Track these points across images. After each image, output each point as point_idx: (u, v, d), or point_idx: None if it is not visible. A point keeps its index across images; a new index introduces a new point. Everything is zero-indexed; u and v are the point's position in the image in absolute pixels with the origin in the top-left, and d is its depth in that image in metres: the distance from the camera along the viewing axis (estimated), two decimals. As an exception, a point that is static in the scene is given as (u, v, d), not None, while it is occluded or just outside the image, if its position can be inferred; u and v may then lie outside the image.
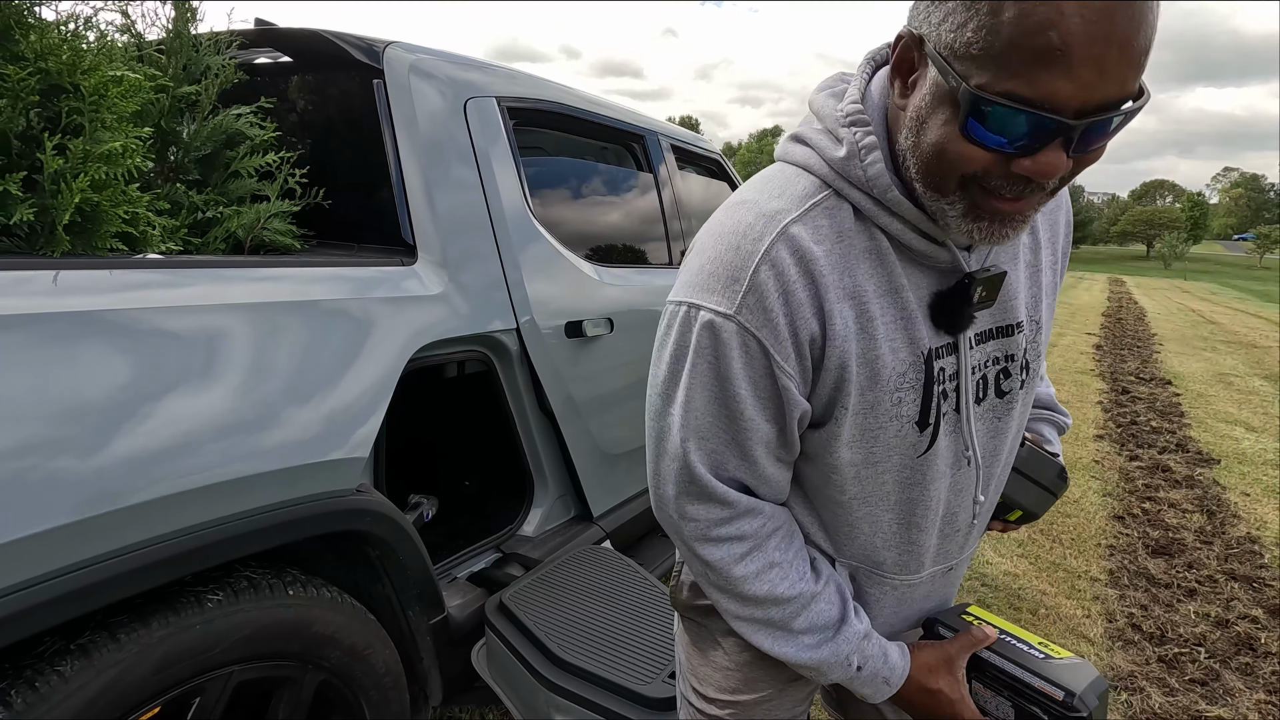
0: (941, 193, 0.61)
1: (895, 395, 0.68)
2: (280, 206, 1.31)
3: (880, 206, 0.65)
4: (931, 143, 0.59)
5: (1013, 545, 2.98)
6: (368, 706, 1.17)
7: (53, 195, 0.89)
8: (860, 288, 0.66)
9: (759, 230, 0.65)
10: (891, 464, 0.71)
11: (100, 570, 0.79)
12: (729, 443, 0.69)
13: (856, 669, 0.74)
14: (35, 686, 0.78)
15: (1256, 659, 2.24)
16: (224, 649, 0.93)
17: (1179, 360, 8.30)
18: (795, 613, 0.73)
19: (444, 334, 1.30)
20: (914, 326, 0.68)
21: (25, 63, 0.88)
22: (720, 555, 0.72)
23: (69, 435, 0.78)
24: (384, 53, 1.38)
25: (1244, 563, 2.90)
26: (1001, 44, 0.51)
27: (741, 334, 0.64)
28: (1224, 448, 4.60)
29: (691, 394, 0.68)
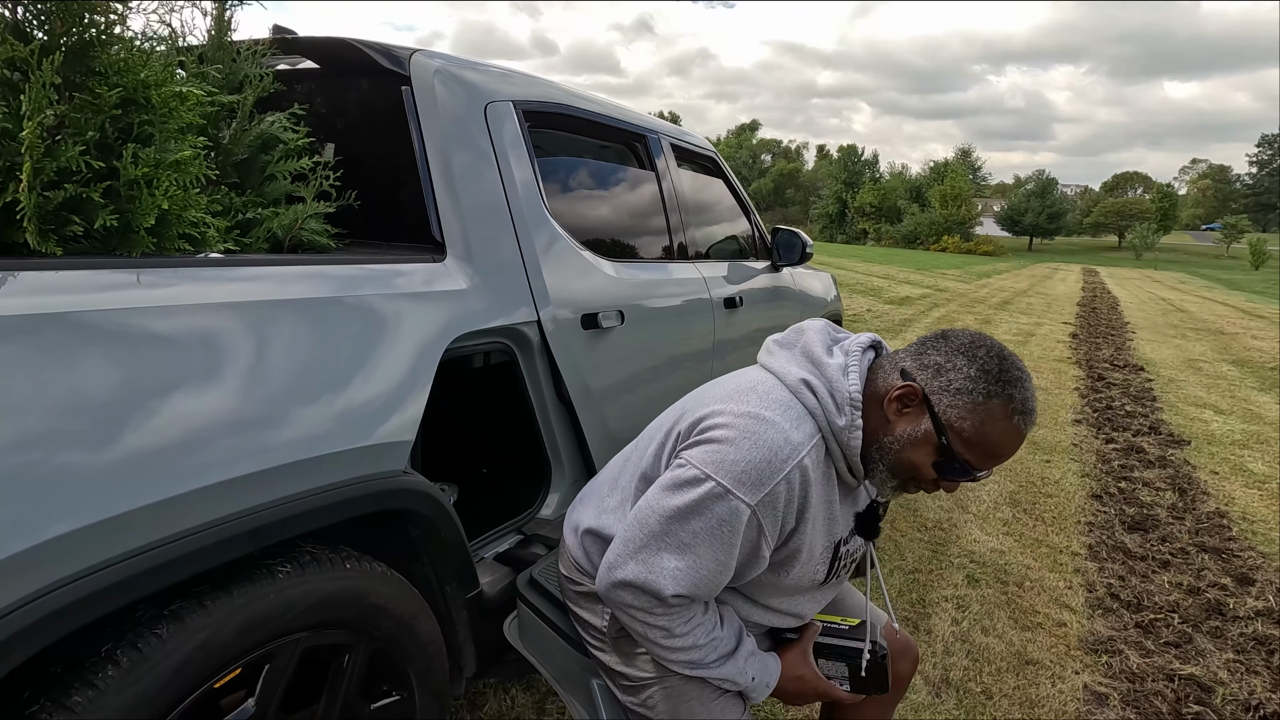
0: (893, 475, 1.04)
1: (812, 565, 1.10)
2: (315, 208, 1.38)
3: (844, 461, 1.04)
4: (909, 460, 1.01)
5: (998, 524, 3.13)
6: (414, 676, 1.26)
7: (129, 201, 0.96)
8: (820, 500, 1.04)
9: (785, 455, 0.98)
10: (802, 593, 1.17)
11: (196, 540, 0.87)
12: (708, 585, 1.02)
13: (751, 679, 1.11)
14: (137, 647, 0.85)
15: (1225, 623, 2.39)
16: (294, 615, 1.01)
17: (1151, 347, 8.57)
18: (708, 652, 1.08)
19: (474, 326, 1.38)
20: (834, 525, 1.09)
21: (102, 78, 0.95)
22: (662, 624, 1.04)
23: (173, 416, 0.85)
24: (410, 59, 1.46)
25: (1213, 536, 3.06)
26: (980, 440, 0.96)
27: (753, 518, 0.98)
28: (1194, 429, 4.80)
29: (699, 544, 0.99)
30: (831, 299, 3.78)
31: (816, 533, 1.06)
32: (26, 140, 0.83)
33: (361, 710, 1.17)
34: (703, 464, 0.99)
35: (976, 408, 0.95)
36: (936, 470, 0.99)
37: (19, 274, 0.80)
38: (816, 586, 1.16)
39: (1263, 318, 12.50)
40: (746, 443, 0.98)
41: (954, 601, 2.45)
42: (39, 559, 0.75)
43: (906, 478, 1.03)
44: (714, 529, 0.98)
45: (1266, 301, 16.73)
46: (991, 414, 0.95)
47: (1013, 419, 0.95)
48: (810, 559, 1.08)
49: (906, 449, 1.00)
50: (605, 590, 1.07)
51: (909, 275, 18.59)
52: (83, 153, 0.91)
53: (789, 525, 1.02)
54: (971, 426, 0.95)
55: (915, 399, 0.99)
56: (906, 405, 1.00)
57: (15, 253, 0.89)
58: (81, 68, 0.94)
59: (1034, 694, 1.98)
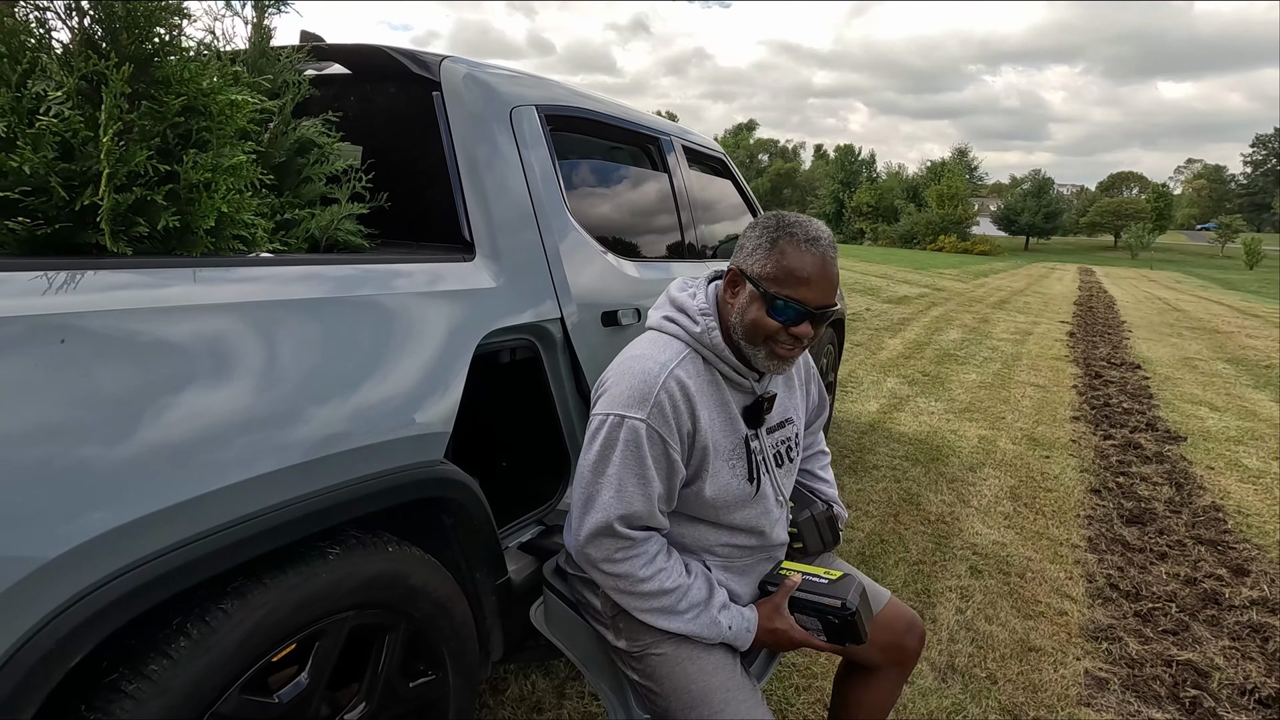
0: (753, 345, 1.20)
1: (729, 462, 1.24)
2: (350, 209, 1.44)
3: (717, 358, 1.22)
4: (752, 321, 1.18)
5: (999, 518, 3.19)
6: (448, 656, 1.31)
7: (189, 203, 1.02)
8: (710, 402, 1.21)
9: (656, 373, 1.17)
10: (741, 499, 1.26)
11: (266, 521, 0.93)
12: (640, 498, 1.15)
13: (727, 628, 1.20)
14: (206, 620, 0.91)
15: (1221, 611, 2.46)
16: (343, 594, 1.06)
17: (1147, 346, 8.65)
18: (679, 598, 1.18)
19: (503, 323, 1.43)
20: (735, 424, 1.25)
21: (166, 86, 1.00)
22: (624, 570, 1.17)
23: (243, 406, 0.92)
24: (440, 65, 1.51)
25: (1209, 529, 3.14)
26: (783, 272, 1.14)
27: (650, 430, 1.14)
28: (1190, 426, 4.88)
29: (618, 470, 1.14)
30: (835, 298, 3.84)
31: (717, 431, 1.22)
32: (105, 146, 0.88)
33: (401, 688, 1.23)
34: (599, 411, 1.18)
35: (769, 252, 1.16)
36: (772, 316, 1.16)
37: (95, 273, 0.85)
38: (752, 496, 1.27)
39: (1258, 317, 12.60)
40: (624, 377, 1.18)
41: (958, 591, 2.51)
42: (130, 536, 0.80)
43: (761, 340, 1.19)
44: (625, 454, 1.14)
45: (1261, 300, 16.85)
46: (781, 250, 1.15)
47: (800, 246, 1.15)
48: (719, 454, 1.22)
49: (746, 315, 1.18)
50: (577, 557, 1.22)
51: (906, 275, 18.68)
52: (148, 158, 0.97)
53: (685, 427, 1.18)
54: (773, 265, 1.15)
55: (735, 275, 1.21)
56: (734, 284, 1.22)
57: (86, 253, 0.95)
58: (146, 77, 0.99)
59: (1037, 679, 2.04)
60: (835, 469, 3.68)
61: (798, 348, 1.19)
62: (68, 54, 0.98)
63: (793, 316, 1.15)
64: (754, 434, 1.27)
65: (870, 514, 3.15)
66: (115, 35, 0.97)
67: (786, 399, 1.38)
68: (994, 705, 1.92)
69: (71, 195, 0.91)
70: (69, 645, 0.76)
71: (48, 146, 0.89)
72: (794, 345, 1.18)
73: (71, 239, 0.93)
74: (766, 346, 1.19)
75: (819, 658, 2.08)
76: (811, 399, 1.53)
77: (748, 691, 1.22)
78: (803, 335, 1.17)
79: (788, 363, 1.22)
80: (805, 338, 1.18)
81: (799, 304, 1.14)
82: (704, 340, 1.22)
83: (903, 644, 1.38)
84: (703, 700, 1.19)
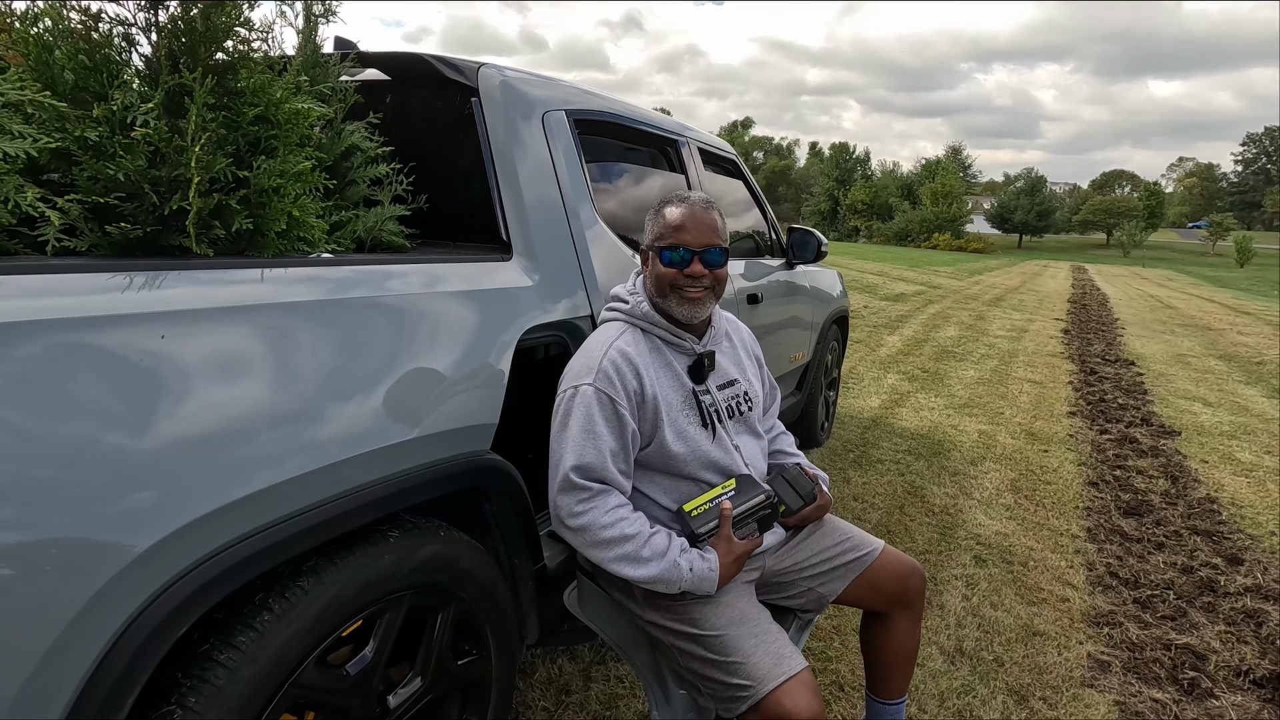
0: (664, 298, 1.41)
1: (684, 413, 1.41)
2: (393, 211, 1.50)
3: (651, 324, 1.43)
4: (655, 275, 1.41)
5: (1001, 510, 3.28)
6: (492, 638, 1.38)
7: (260, 207, 1.08)
8: (654, 364, 1.40)
9: (600, 348, 1.36)
10: (702, 447, 1.41)
11: (338, 506, 1.00)
12: (592, 451, 1.29)
13: (689, 570, 1.28)
14: (286, 596, 0.98)
15: (1217, 598, 2.55)
16: (402, 575, 1.13)
17: (1141, 342, 8.77)
18: (640, 544, 1.28)
19: (540, 320, 1.50)
20: (680, 380, 1.43)
21: (241, 97, 1.07)
22: (586, 520, 1.28)
23: (333, 397, 0.98)
24: (479, 73, 1.58)
25: (1204, 520, 3.23)
26: (664, 227, 1.41)
27: (597, 392, 1.31)
28: (1184, 421, 4.98)
29: (573, 430, 1.30)
30: (838, 294, 3.92)
31: (666, 388, 1.39)
32: (194, 154, 0.95)
33: (450, 665, 1.30)
34: (559, 393, 1.37)
35: (654, 220, 1.44)
36: (665, 264, 1.39)
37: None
38: (711, 439, 1.42)
39: (1248, 314, 12.77)
40: (577, 359, 1.40)
41: (963, 580, 2.59)
42: (225, 520, 0.87)
43: (668, 289, 1.40)
44: (577, 415, 1.31)
45: (1252, 298, 17.05)
46: (661, 214, 1.43)
47: (673, 205, 1.42)
48: (672, 407, 1.39)
49: (652, 274, 1.42)
50: (555, 525, 1.35)
51: (902, 272, 18.80)
52: (227, 165, 1.03)
53: (632, 386, 1.34)
54: (659, 227, 1.42)
55: (643, 253, 1.47)
56: (644, 261, 1.47)
57: (171, 255, 1.01)
58: (223, 88, 1.06)
59: (1042, 661, 2.12)
60: (840, 463, 3.77)
61: (699, 288, 1.40)
62: (149, 66, 1.04)
63: (678, 259, 1.38)
64: (703, 389, 1.44)
65: (876, 506, 3.23)
66: (194, 49, 1.04)
67: (730, 363, 1.55)
68: (1001, 686, 2.00)
69: (160, 200, 0.97)
70: (176, 618, 0.83)
71: (141, 155, 0.95)
72: (695, 286, 1.39)
73: (158, 242, 1.00)
74: (675, 295, 1.40)
75: (832, 643, 2.16)
76: (764, 378, 1.69)
77: (775, 633, 1.31)
78: (697, 274, 1.38)
79: (699, 305, 1.41)
80: (701, 277, 1.39)
81: (680, 246, 1.38)
82: (636, 313, 1.43)
83: (906, 586, 1.52)
84: (734, 646, 1.27)
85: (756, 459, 1.52)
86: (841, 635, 2.19)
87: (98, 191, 0.94)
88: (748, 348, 1.65)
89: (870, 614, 1.59)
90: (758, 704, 1.20)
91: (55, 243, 0.91)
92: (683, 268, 1.38)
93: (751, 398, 1.55)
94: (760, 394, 1.61)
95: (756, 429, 1.56)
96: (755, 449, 1.54)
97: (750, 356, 1.64)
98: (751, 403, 1.54)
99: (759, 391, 1.60)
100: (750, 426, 1.54)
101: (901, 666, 1.56)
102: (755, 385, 1.59)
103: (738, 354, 1.59)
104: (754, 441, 1.54)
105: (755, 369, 1.64)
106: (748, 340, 1.67)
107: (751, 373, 1.61)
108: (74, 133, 0.93)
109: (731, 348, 1.58)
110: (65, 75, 0.98)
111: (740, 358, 1.60)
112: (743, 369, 1.58)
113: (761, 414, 1.62)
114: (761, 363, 1.69)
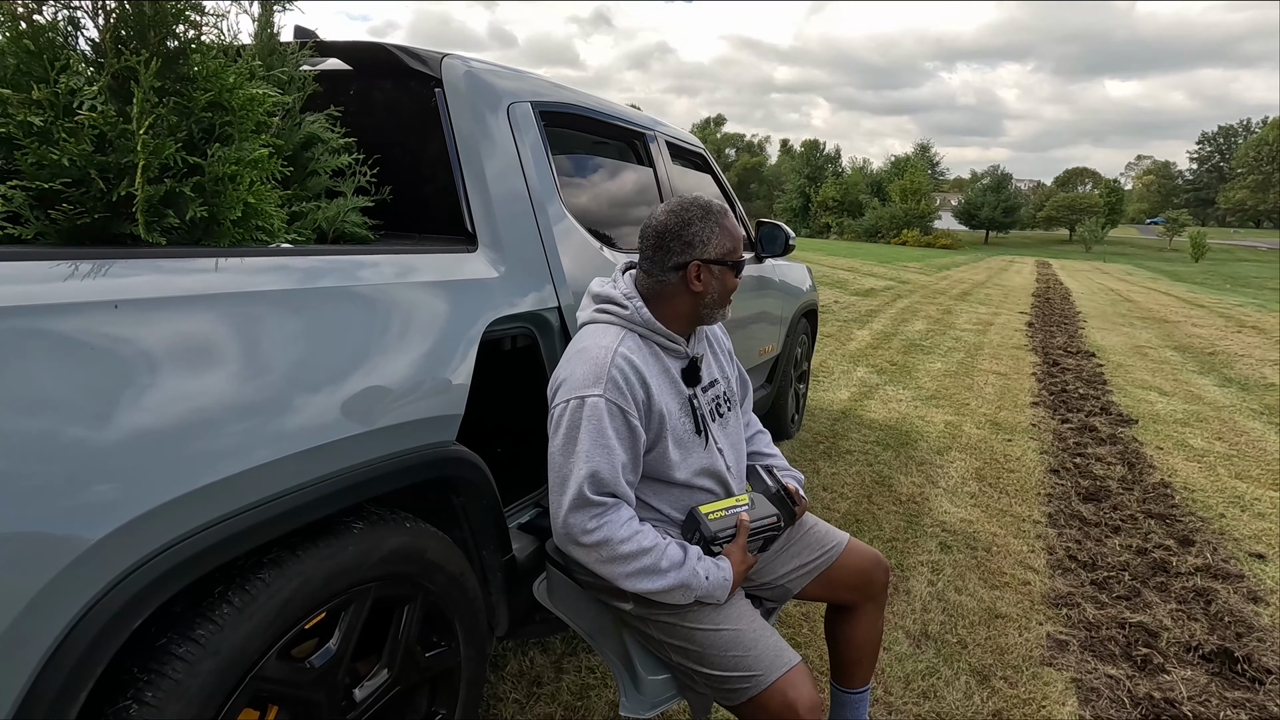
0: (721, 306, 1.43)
1: (682, 420, 1.39)
2: (356, 202, 1.48)
3: (651, 331, 1.38)
4: (726, 287, 1.41)
5: (966, 497, 3.35)
6: (460, 629, 1.38)
7: (215, 196, 1.06)
8: (655, 371, 1.36)
9: (604, 355, 1.30)
10: (695, 452, 1.41)
11: (299, 497, 0.98)
12: (605, 466, 1.25)
13: (705, 578, 1.28)
14: (246, 589, 0.96)
15: (1169, 578, 2.64)
16: (368, 566, 1.12)
17: (1101, 335, 9.02)
18: (658, 557, 1.26)
19: (507, 311, 1.50)
20: (678, 385, 1.41)
21: (192, 82, 1.04)
22: (602, 536, 1.24)
23: (294, 387, 0.97)
24: (442, 63, 1.56)
25: (1159, 504, 3.34)
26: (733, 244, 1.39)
27: (608, 404, 1.26)
28: (1140, 410, 5.14)
29: (584, 445, 1.24)
30: (808, 289, 3.97)
31: (666, 396, 1.37)
32: (140, 139, 0.93)
33: (418, 656, 1.29)
34: (557, 402, 1.30)
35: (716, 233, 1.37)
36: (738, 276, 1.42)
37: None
38: (704, 447, 1.42)
39: (1203, 306, 13.20)
40: (577, 366, 1.30)
41: (929, 566, 2.65)
42: (179, 511, 0.86)
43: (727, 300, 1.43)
44: (590, 431, 1.25)
45: (1206, 292, 17.62)
46: (724, 225, 1.38)
47: (728, 216, 1.41)
48: (671, 416, 1.37)
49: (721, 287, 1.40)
50: (560, 542, 1.30)
51: (872, 268, 19.06)
52: (176, 151, 1.01)
53: (639, 396, 1.31)
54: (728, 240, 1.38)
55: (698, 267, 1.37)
56: (698, 276, 1.38)
57: (122, 244, 0.99)
58: (173, 73, 1.04)
59: (1004, 642, 2.18)
60: (810, 454, 3.82)
61: None
62: (96, 51, 1.02)
63: (741, 269, 1.43)
64: (694, 393, 1.44)
65: (845, 495, 3.28)
66: (143, 33, 1.01)
67: (713, 363, 1.55)
68: (964, 667, 2.05)
69: (108, 186, 0.95)
70: (131, 610, 0.81)
71: (86, 140, 0.93)
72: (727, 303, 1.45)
73: (107, 230, 0.98)
74: (727, 305, 1.44)
75: (800, 629, 2.19)
76: (736, 371, 1.68)
77: (770, 628, 1.33)
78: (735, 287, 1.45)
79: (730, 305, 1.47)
80: None
81: (741, 259, 1.42)
82: (635, 319, 1.37)
83: (871, 580, 1.54)
84: (735, 641, 1.29)
85: (736, 461, 1.52)
86: (810, 622, 2.23)
87: (43, 177, 0.91)
88: (721, 344, 1.64)
89: (834, 607, 1.61)
90: (761, 693, 1.23)
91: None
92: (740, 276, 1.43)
93: (730, 397, 1.55)
94: (737, 391, 1.62)
95: (736, 428, 1.57)
96: (736, 450, 1.54)
97: (724, 353, 1.64)
98: (730, 401, 1.55)
99: (736, 389, 1.61)
100: (730, 427, 1.54)
101: (866, 658, 1.59)
102: (733, 383, 1.60)
103: (716, 353, 1.59)
104: (736, 442, 1.54)
105: (730, 365, 1.64)
106: (720, 336, 1.66)
107: (728, 370, 1.61)
108: (16, 117, 0.90)
109: (709, 347, 1.57)
110: (8, 60, 0.96)
111: (719, 356, 1.60)
112: (721, 368, 1.58)
113: (740, 411, 1.63)
114: (732, 355, 1.69)
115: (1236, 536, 3.02)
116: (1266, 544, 2.97)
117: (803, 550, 1.55)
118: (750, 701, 1.25)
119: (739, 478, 1.52)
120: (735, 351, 1.74)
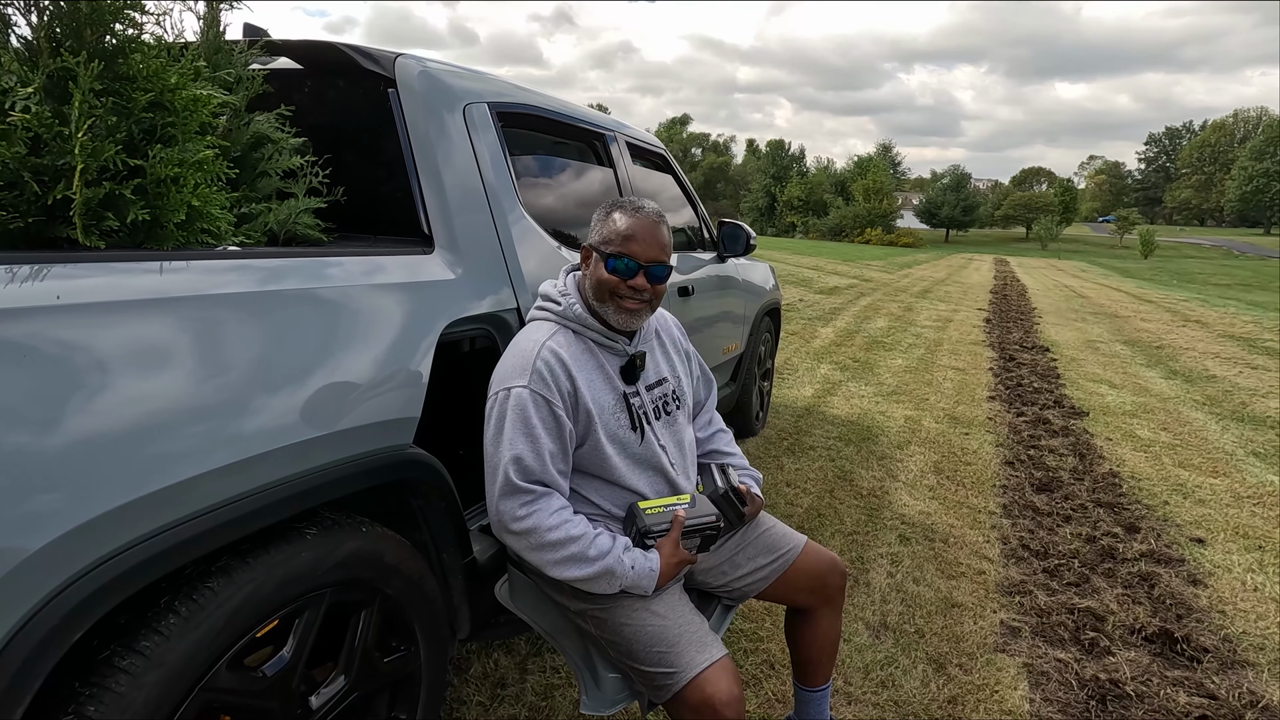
0: (602, 303, 1.39)
1: (615, 416, 1.41)
2: (308, 203, 1.46)
3: (584, 326, 1.40)
4: (596, 279, 1.39)
5: (925, 490, 3.43)
6: (420, 633, 1.37)
7: (158, 198, 1.04)
8: (586, 366, 1.38)
9: (531, 348, 1.34)
10: (632, 450, 1.42)
11: (250, 503, 0.97)
12: (530, 454, 1.28)
13: (631, 568, 1.30)
14: (193, 598, 0.95)
15: (1116, 564, 2.74)
16: (323, 572, 1.11)
17: (1055, 330, 9.30)
18: (586, 545, 1.28)
19: (464, 313, 1.49)
20: (613, 382, 1.42)
21: (132, 82, 1.02)
22: (530, 524, 1.27)
23: (243, 391, 0.95)
24: (395, 63, 1.55)
25: (1107, 493, 3.46)
26: (613, 234, 1.37)
27: (532, 394, 1.30)
28: (1091, 402, 5.32)
29: (510, 433, 1.28)
30: (770, 288, 4.02)
31: (598, 390, 1.39)
32: (78, 141, 0.91)
33: (377, 661, 1.28)
34: (489, 395, 1.35)
35: (604, 222, 1.41)
36: (610, 272, 1.37)
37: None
38: (639, 443, 1.43)
39: (1150, 301, 13.69)
40: (506, 359, 1.37)
41: (888, 558, 2.71)
42: (118, 521, 0.84)
43: (607, 296, 1.38)
44: (515, 420, 1.29)
45: (1154, 287, 18.27)
46: (613, 219, 1.39)
47: (627, 212, 1.39)
48: (603, 411, 1.38)
49: (593, 277, 1.40)
50: (495, 530, 1.33)
51: (836, 266, 19.35)
52: (116, 153, 0.99)
53: (565, 388, 1.33)
54: (608, 231, 1.39)
55: (585, 251, 1.43)
56: (585, 259, 1.43)
57: (58, 248, 0.96)
58: (111, 73, 1.01)
59: (959, 631, 2.24)
60: (775, 450, 3.87)
61: (638, 300, 1.39)
62: (30, 50, 0.99)
63: (623, 269, 1.36)
64: (633, 390, 1.44)
65: (808, 490, 3.33)
66: (79, 31, 0.99)
67: (661, 361, 1.55)
68: (922, 656, 2.11)
69: (43, 190, 0.93)
70: (71, 623, 0.80)
71: (19, 142, 0.90)
72: (635, 298, 1.38)
73: (43, 233, 0.95)
74: (613, 302, 1.38)
75: (764, 624, 2.22)
76: (694, 371, 1.68)
77: (698, 623, 1.34)
78: (639, 287, 1.37)
79: (635, 316, 1.40)
80: (643, 290, 1.38)
81: (629, 258, 1.36)
82: (568, 314, 1.40)
83: (826, 583, 1.56)
84: (659, 636, 1.30)
85: (681, 458, 1.52)
86: (772, 615, 2.26)
87: (-27, 180, 0.88)
88: (677, 343, 1.64)
89: (793, 610, 1.63)
90: (682, 689, 1.24)
91: (-75, 234, 0.85)
92: (627, 278, 1.36)
93: (679, 395, 1.55)
94: (688, 390, 1.61)
95: (684, 427, 1.56)
96: (681, 448, 1.53)
97: (679, 351, 1.63)
98: (680, 400, 1.55)
99: (687, 388, 1.60)
100: (677, 425, 1.53)
101: (825, 658, 1.62)
102: (684, 381, 1.59)
103: (667, 351, 1.58)
104: (680, 440, 1.54)
105: (684, 364, 1.63)
106: (676, 334, 1.65)
107: (681, 369, 1.60)
108: (-57, 118, 0.87)
109: (660, 345, 1.57)
110: (-66, 57, 0.93)
111: (670, 354, 1.59)
112: (672, 366, 1.57)
113: (690, 411, 1.62)
114: (691, 354, 1.69)
115: (1179, 522, 3.15)
116: (1206, 529, 3.10)
117: (759, 553, 1.56)
118: (674, 698, 1.26)
119: (686, 475, 1.52)
120: (699, 350, 1.76)
